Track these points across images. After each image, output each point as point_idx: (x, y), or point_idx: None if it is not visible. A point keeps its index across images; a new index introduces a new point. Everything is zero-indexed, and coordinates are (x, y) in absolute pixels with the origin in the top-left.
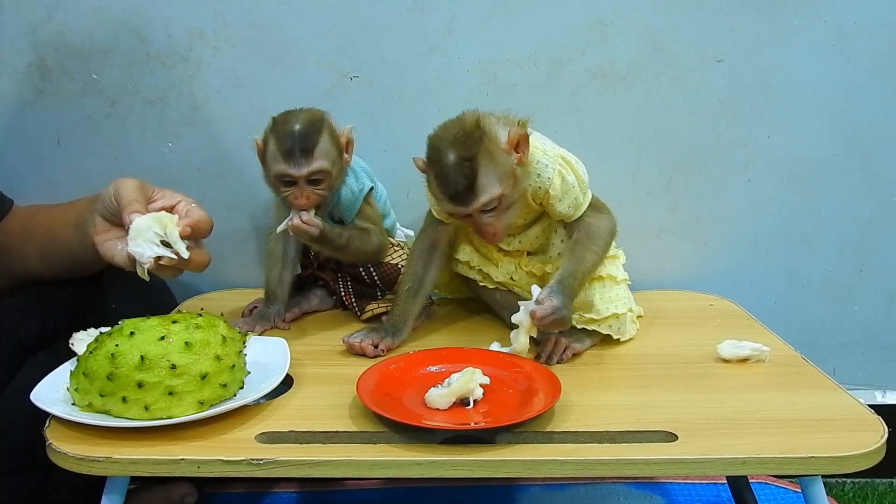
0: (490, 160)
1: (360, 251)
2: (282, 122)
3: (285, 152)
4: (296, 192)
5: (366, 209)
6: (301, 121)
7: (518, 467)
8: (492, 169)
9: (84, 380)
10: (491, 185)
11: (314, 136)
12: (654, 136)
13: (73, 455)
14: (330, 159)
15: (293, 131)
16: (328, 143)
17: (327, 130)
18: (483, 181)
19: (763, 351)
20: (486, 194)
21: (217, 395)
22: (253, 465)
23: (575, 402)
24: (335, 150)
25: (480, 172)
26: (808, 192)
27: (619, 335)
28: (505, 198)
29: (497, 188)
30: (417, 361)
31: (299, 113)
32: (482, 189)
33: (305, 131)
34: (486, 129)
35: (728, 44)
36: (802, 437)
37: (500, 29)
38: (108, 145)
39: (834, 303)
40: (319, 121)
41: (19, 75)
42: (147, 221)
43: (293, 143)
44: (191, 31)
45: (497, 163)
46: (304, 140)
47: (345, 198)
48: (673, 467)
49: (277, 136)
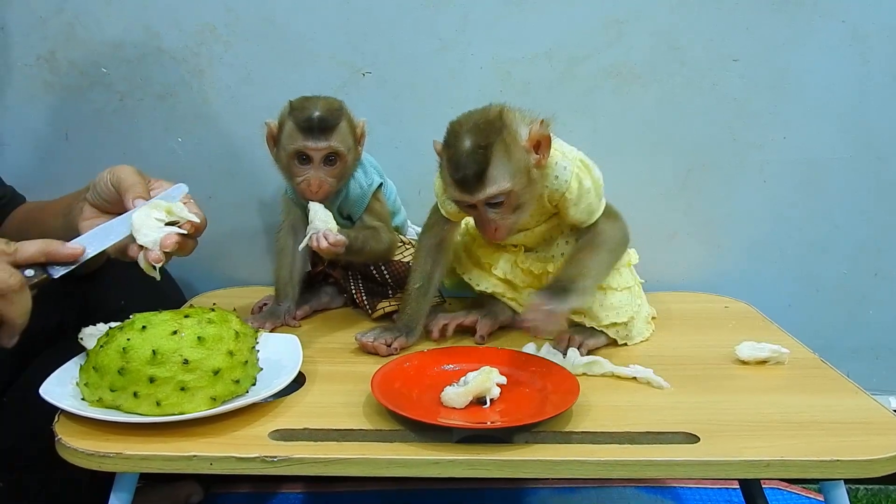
0: (505, 152)
1: (373, 252)
2: (300, 103)
3: (305, 128)
4: (309, 177)
5: (374, 205)
6: (321, 103)
7: (537, 467)
8: (505, 162)
9: (94, 374)
10: (501, 178)
11: (335, 115)
12: (668, 136)
13: (83, 451)
14: (346, 144)
15: (314, 110)
16: (346, 127)
17: (346, 116)
18: (494, 172)
19: (782, 353)
20: (495, 186)
21: (229, 391)
22: (267, 462)
23: (593, 403)
24: (351, 138)
25: (493, 163)
26: (823, 194)
27: (626, 340)
28: (514, 195)
29: (507, 182)
30: (432, 360)
31: (319, 98)
32: (492, 179)
33: (326, 111)
34: (507, 122)
35: (744, 43)
36: (826, 440)
37: (513, 26)
38: (116, 140)
39: (848, 306)
40: (339, 107)
41: (28, 69)
42: (145, 211)
43: (313, 120)
44: (202, 26)
45: (512, 157)
46: (324, 118)
47: (353, 193)
48: (695, 469)
49: (297, 115)
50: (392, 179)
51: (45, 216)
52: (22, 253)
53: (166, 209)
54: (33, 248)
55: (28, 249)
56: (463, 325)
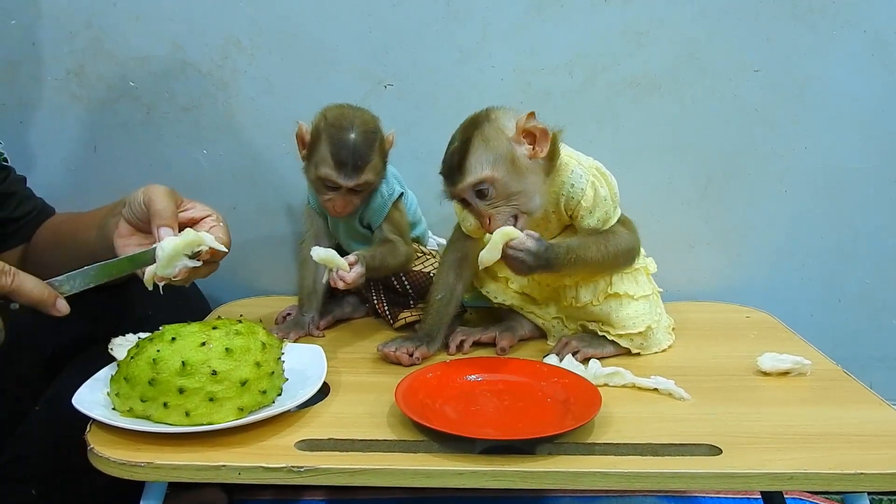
0: (484, 143)
1: (390, 267)
2: (337, 125)
3: (338, 162)
4: (335, 199)
5: (394, 214)
6: (358, 128)
7: (560, 478)
8: (483, 151)
9: (125, 385)
10: (479, 166)
11: (369, 151)
12: (689, 145)
13: (115, 460)
14: (376, 171)
15: (349, 141)
16: (378, 156)
17: (379, 142)
18: (472, 160)
19: (804, 364)
20: (472, 175)
21: (256, 401)
22: (294, 472)
23: (615, 414)
24: (381, 162)
25: (470, 153)
26: (844, 203)
27: (640, 350)
28: (500, 183)
29: (486, 170)
30: (455, 370)
31: (354, 117)
32: (469, 169)
33: (361, 144)
34: (492, 118)
35: (765, 53)
36: (849, 452)
37: (534, 37)
38: (143, 151)
39: (871, 316)
40: (374, 132)
41: (58, 82)
42: (175, 247)
43: (348, 156)
44: (226, 39)
45: (491, 147)
46: (358, 154)
47: (374, 202)
48: (718, 482)
49: (332, 142)
50: (413, 190)
51: (79, 228)
52: (18, 293)
53: (193, 241)
54: (32, 294)
55: (26, 291)
56: (480, 341)
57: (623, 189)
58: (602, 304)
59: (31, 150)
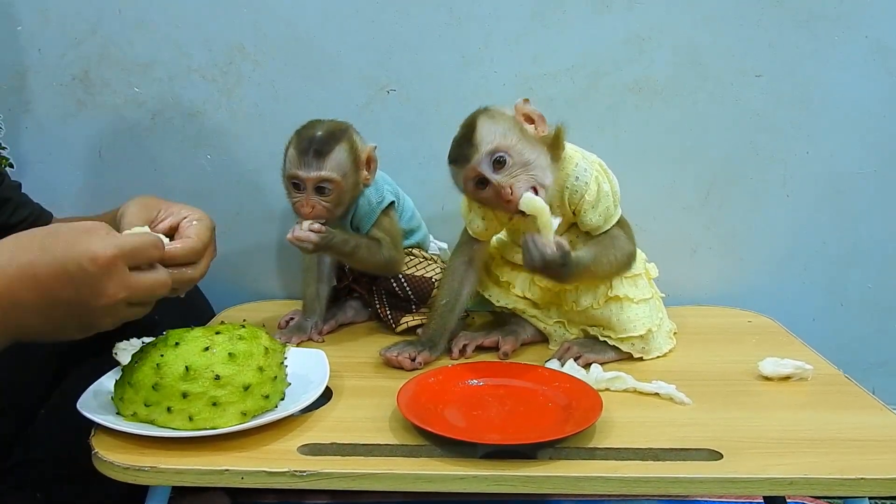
0: (491, 120)
1: (366, 260)
2: (305, 127)
3: (300, 152)
4: (301, 200)
5: (383, 220)
6: (322, 128)
7: (562, 483)
8: (492, 125)
9: (129, 389)
10: (491, 137)
11: (330, 144)
12: (691, 150)
13: (119, 464)
14: (341, 171)
15: (311, 136)
16: (344, 154)
17: (347, 142)
18: (483, 134)
19: (805, 369)
20: (487, 145)
21: (259, 406)
22: (296, 476)
23: (616, 419)
24: (350, 164)
25: (479, 130)
26: (847, 208)
27: (642, 354)
28: (514, 150)
29: (499, 139)
30: (457, 375)
31: (324, 122)
32: (482, 141)
33: (323, 138)
34: (489, 107)
35: (767, 58)
36: (850, 457)
37: (536, 43)
38: (148, 157)
39: (874, 320)
40: (341, 132)
41: (63, 88)
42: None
43: (308, 147)
44: (231, 45)
45: (498, 122)
46: (318, 145)
47: (362, 208)
48: (719, 486)
49: (297, 139)
50: (416, 194)
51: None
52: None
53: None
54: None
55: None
56: (483, 345)
57: (625, 193)
58: (602, 307)
59: (36, 156)
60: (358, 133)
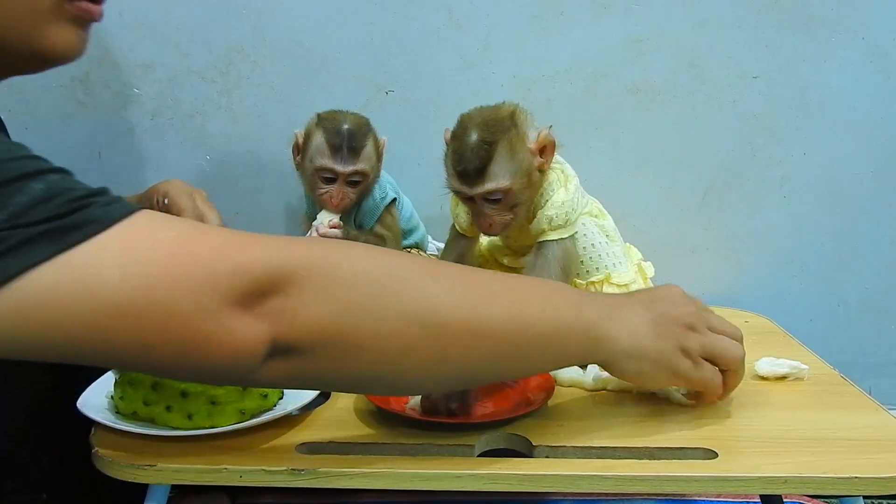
0: (510, 151)
1: None
2: (330, 118)
3: (333, 148)
4: (332, 191)
5: (386, 217)
6: (350, 121)
7: (558, 482)
8: (508, 160)
9: (129, 389)
10: (502, 175)
11: (363, 137)
12: (689, 152)
13: (118, 463)
14: (371, 163)
15: (343, 129)
16: (372, 147)
17: (372, 135)
18: (495, 168)
19: (801, 369)
20: (494, 182)
21: (257, 405)
22: (294, 474)
23: (612, 417)
24: (375, 156)
25: (495, 159)
26: (845, 209)
27: None
28: (513, 194)
29: (507, 180)
30: None
31: (347, 114)
32: (492, 176)
33: (355, 131)
34: (517, 122)
35: (765, 60)
36: (845, 456)
37: (535, 45)
38: (147, 158)
39: (871, 322)
40: (366, 125)
41: (63, 89)
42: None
43: (342, 141)
44: (230, 47)
45: (516, 157)
46: (352, 139)
47: (366, 205)
48: (714, 485)
49: (326, 132)
50: (414, 196)
51: None
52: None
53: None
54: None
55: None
56: None
57: (623, 195)
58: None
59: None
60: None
